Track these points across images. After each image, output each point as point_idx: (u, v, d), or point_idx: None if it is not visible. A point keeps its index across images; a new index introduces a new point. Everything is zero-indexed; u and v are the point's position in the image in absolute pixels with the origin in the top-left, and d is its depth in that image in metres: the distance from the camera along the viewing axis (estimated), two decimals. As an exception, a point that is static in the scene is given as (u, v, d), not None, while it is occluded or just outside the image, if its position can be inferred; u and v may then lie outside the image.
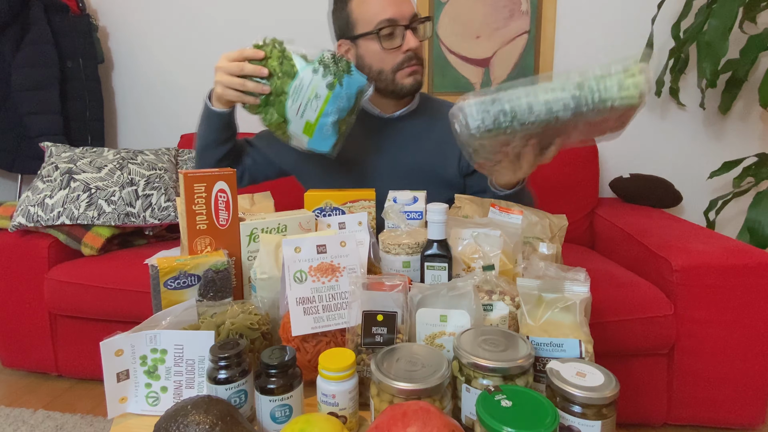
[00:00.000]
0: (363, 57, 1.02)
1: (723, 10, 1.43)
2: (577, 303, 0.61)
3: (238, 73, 0.88)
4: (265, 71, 0.86)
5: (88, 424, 1.38)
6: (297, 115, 0.87)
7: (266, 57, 0.86)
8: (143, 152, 1.75)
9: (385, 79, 1.03)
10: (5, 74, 1.91)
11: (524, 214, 0.82)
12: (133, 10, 2.19)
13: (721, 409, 1.23)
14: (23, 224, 1.52)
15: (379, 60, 1.01)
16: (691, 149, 1.87)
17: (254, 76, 0.87)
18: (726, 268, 1.16)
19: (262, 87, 0.86)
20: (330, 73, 0.85)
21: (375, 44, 0.99)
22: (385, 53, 1.00)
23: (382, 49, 0.99)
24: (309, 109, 0.86)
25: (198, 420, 0.46)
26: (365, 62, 1.02)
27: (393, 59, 1.01)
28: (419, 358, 0.55)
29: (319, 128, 0.88)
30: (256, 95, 0.88)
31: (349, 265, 0.66)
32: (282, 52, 0.87)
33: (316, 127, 0.88)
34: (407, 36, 0.99)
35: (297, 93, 0.86)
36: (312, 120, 0.87)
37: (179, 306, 0.64)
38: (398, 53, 1.00)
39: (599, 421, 0.47)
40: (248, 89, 0.87)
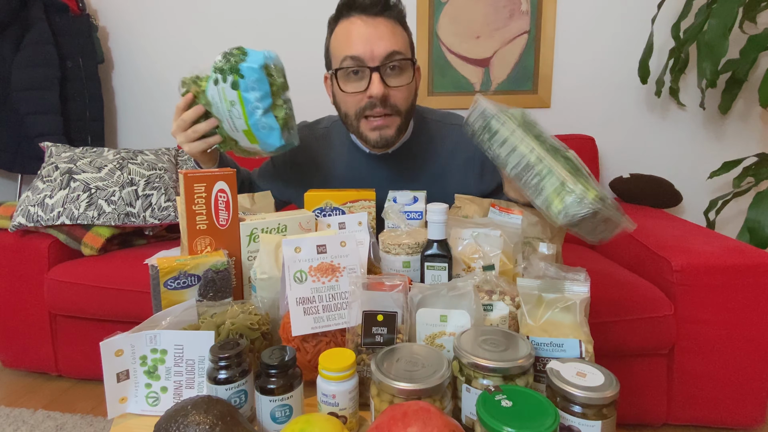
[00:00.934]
0: (335, 95, 0.94)
1: (723, 10, 1.43)
2: (577, 303, 0.61)
3: (186, 126, 0.87)
4: (200, 109, 0.85)
5: (88, 424, 1.38)
6: (235, 131, 0.85)
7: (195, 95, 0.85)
8: (143, 152, 1.75)
9: (350, 125, 0.94)
10: (5, 74, 1.91)
11: (524, 214, 0.82)
12: (133, 10, 2.19)
13: (721, 409, 1.23)
14: (23, 224, 1.52)
15: (342, 101, 0.92)
16: (691, 149, 1.87)
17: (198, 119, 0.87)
18: (726, 268, 1.16)
19: (208, 123, 0.86)
20: (227, 73, 0.80)
21: (343, 85, 0.90)
22: (351, 97, 0.90)
23: (351, 92, 0.89)
24: (236, 120, 0.83)
25: (198, 420, 0.46)
26: (337, 101, 0.95)
27: (355, 103, 0.90)
28: (419, 358, 0.55)
29: (255, 129, 0.84)
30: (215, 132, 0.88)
31: (349, 265, 0.66)
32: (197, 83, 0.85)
33: (252, 130, 0.84)
34: (373, 79, 0.86)
35: (219, 113, 0.84)
36: (245, 127, 0.84)
37: (179, 306, 0.64)
38: (362, 97, 0.89)
39: (599, 421, 0.47)
40: (201, 132, 0.87)
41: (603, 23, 1.85)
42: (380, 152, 1.00)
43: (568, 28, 1.88)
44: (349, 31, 0.87)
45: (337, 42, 0.90)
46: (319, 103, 2.14)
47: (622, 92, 1.89)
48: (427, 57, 1.99)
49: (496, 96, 1.95)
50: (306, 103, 2.11)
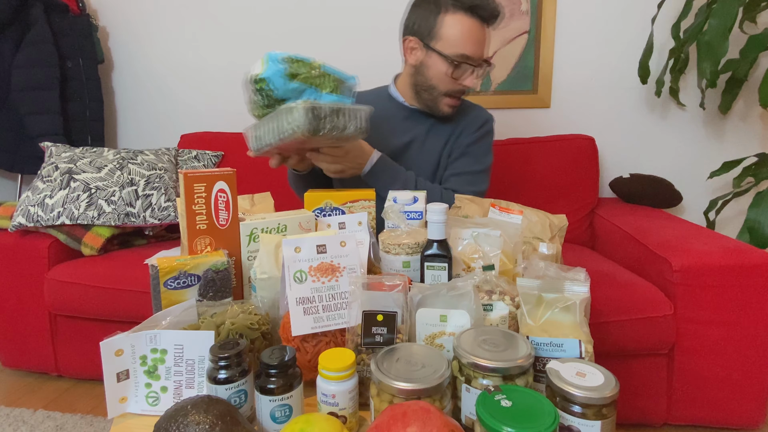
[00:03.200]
0: (426, 66, 1.10)
1: (723, 10, 1.43)
2: (577, 303, 0.61)
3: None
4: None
5: (88, 424, 1.38)
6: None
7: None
8: (143, 152, 1.75)
9: (430, 95, 1.13)
10: (5, 74, 1.91)
11: (524, 214, 0.82)
12: (133, 10, 2.19)
13: (721, 409, 1.23)
14: (23, 224, 1.52)
15: (438, 79, 1.09)
16: (691, 149, 1.87)
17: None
18: (726, 268, 1.16)
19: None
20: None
21: (444, 67, 1.07)
22: (447, 78, 1.08)
23: (448, 75, 1.07)
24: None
25: (198, 420, 0.46)
26: (425, 72, 1.11)
27: (449, 85, 1.10)
28: (419, 358, 0.55)
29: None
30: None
31: (349, 265, 0.66)
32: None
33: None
34: (471, 75, 1.08)
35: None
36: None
37: (179, 306, 0.64)
38: (455, 83, 1.09)
39: (599, 421, 0.47)
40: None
41: (603, 23, 1.85)
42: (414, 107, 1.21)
43: (568, 28, 1.88)
44: (470, 30, 1.05)
45: (453, 31, 1.05)
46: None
47: (622, 92, 1.89)
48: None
49: (496, 96, 1.96)
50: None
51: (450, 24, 1.05)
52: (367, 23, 2.02)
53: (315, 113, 0.78)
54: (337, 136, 0.83)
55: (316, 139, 0.84)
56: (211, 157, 1.94)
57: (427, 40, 1.08)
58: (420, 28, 1.09)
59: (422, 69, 1.11)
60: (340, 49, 2.06)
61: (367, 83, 2.06)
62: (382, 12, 2.00)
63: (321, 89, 0.85)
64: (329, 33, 2.05)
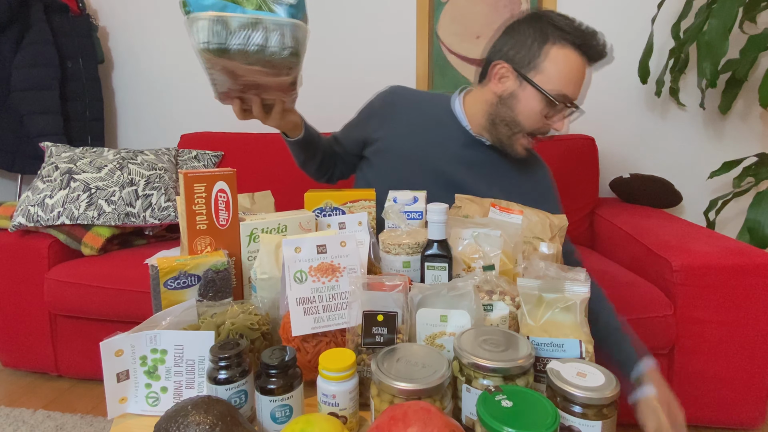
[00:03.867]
0: (516, 99, 0.96)
1: (723, 10, 1.43)
2: (578, 303, 0.61)
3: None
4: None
5: (88, 424, 1.38)
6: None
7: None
8: (143, 152, 1.75)
9: (510, 131, 0.98)
10: (5, 74, 1.91)
11: (524, 213, 0.82)
12: (133, 10, 2.19)
13: (721, 409, 1.23)
14: (23, 224, 1.51)
15: (526, 115, 0.96)
16: (691, 149, 1.87)
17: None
18: (726, 268, 1.16)
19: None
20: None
21: (539, 104, 0.94)
22: (537, 116, 0.95)
23: (540, 113, 0.95)
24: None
25: (198, 420, 0.46)
26: (513, 104, 0.97)
27: (536, 124, 0.97)
28: (419, 358, 0.55)
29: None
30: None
31: (350, 265, 0.66)
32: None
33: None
34: (563, 119, 0.96)
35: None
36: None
37: (179, 306, 0.64)
38: (543, 123, 0.97)
39: (600, 422, 0.47)
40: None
41: (603, 23, 1.85)
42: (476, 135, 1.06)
43: (568, 28, 1.88)
44: (575, 68, 0.93)
45: (557, 66, 0.92)
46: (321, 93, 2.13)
47: (622, 92, 1.89)
48: (427, 57, 1.99)
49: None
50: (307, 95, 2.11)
51: (555, 58, 0.92)
52: (371, 24, 2.02)
53: (222, 25, 0.66)
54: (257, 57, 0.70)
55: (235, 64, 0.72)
56: (211, 157, 1.94)
57: (524, 70, 0.95)
58: (517, 55, 0.95)
59: (510, 101, 0.97)
60: (342, 50, 2.06)
61: (367, 84, 2.07)
62: (383, 12, 2.00)
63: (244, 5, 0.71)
64: (332, 33, 2.05)
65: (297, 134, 1.03)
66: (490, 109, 1.01)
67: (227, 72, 0.75)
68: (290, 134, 1.03)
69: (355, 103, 2.07)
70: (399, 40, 2.01)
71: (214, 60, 0.70)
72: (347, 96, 2.09)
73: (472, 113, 1.06)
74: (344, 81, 2.08)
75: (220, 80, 0.79)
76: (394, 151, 1.08)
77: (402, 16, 1.99)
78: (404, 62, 2.02)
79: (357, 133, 1.15)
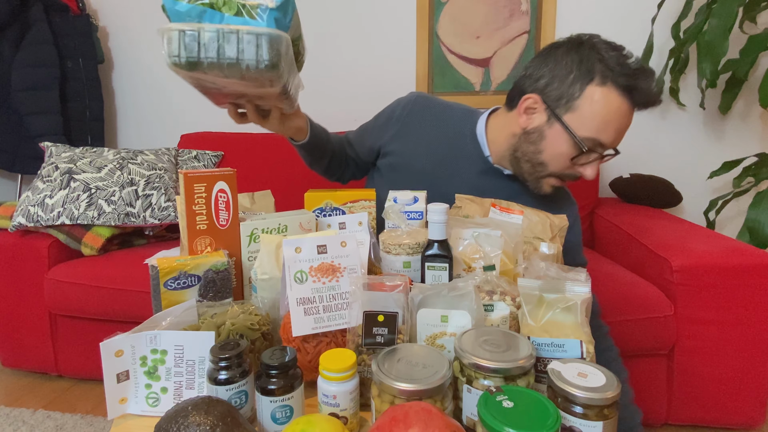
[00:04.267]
0: (543, 137, 0.86)
1: (723, 10, 1.43)
2: (578, 303, 0.61)
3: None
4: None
5: (88, 424, 1.38)
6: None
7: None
8: (143, 152, 1.75)
9: (536, 171, 0.89)
10: (5, 74, 1.90)
11: (525, 214, 0.82)
12: (133, 10, 2.19)
13: (721, 409, 1.23)
14: (23, 224, 1.51)
15: (552, 157, 0.86)
16: (691, 149, 1.87)
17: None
18: (726, 268, 1.16)
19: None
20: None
21: (567, 148, 0.84)
22: (564, 160, 0.85)
23: (568, 157, 0.85)
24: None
25: (198, 421, 0.46)
26: (540, 144, 0.86)
27: (562, 167, 0.87)
28: (420, 358, 0.55)
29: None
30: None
31: (350, 265, 0.66)
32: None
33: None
34: (594, 165, 0.85)
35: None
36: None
37: (179, 306, 0.64)
38: (572, 168, 0.87)
39: (601, 422, 0.47)
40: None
41: (603, 23, 1.85)
42: (496, 165, 0.97)
43: (568, 28, 1.88)
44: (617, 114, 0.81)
45: (596, 108, 0.81)
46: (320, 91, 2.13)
47: (622, 92, 1.89)
48: (427, 57, 1.99)
49: (496, 96, 1.95)
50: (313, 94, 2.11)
51: (595, 98, 0.80)
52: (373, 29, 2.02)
53: (192, 37, 0.61)
54: (232, 70, 0.64)
55: (210, 77, 0.66)
56: (211, 157, 1.94)
57: (556, 106, 0.84)
58: (552, 89, 0.84)
59: (535, 138, 0.87)
60: (342, 51, 2.06)
61: (369, 92, 2.07)
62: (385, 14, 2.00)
63: (223, 12, 0.64)
64: (332, 33, 2.05)
65: (302, 138, 0.98)
66: (513, 141, 0.91)
67: (206, 83, 0.70)
68: (295, 137, 0.98)
69: (355, 104, 2.08)
70: (399, 40, 2.01)
71: (185, 74, 0.65)
72: (347, 96, 2.09)
73: (494, 139, 0.96)
74: (344, 81, 2.08)
75: (200, 90, 0.75)
76: (407, 169, 1.01)
77: (402, 16, 1.99)
78: (404, 62, 2.02)
79: (371, 141, 1.08)
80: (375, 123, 1.10)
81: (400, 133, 1.03)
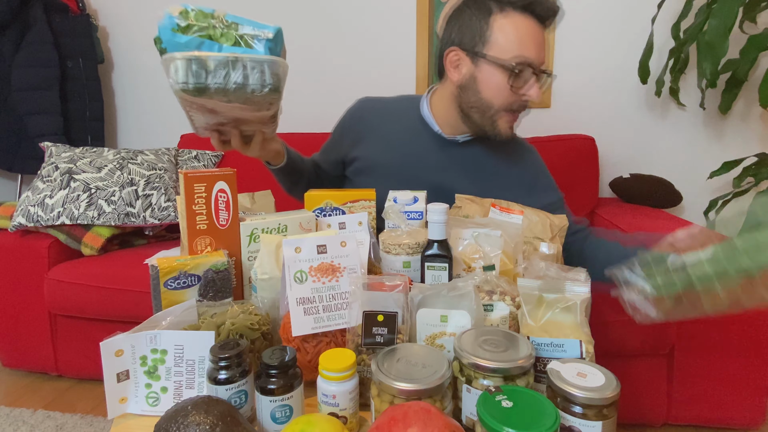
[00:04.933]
0: (477, 80, 0.91)
1: (723, 10, 1.43)
2: (578, 303, 0.61)
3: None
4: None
5: (88, 424, 1.38)
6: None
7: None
8: (143, 152, 1.75)
9: (486, 114, 0.93)
10: (5, 74, 1.91)
11: (525, 214, 0.82)
12: (133, 10, 2.19)
13: (721, 409, 1.23)
14: (23, 224, 1.51)
15: (494, 93, 0.91)
16: (691, 149, 1.87)
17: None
18: (726, 268, 1.16)
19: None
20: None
21: (501, 77, 0.89)
22: (505, 90, 0.90)
23: (507, 86, 0.89)
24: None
25: (198, 420, 0.46)
26: (477, 87, 0.92)
27: (507, 99, 0.91)
28: (420, 358, 0.55)
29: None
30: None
31: (350, 265, 0.66)
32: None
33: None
34: (532, 82, 0.90)
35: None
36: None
37: (179, 306, 0.64)
38: (516, 95, 0.91)
39: (600, 422, 0.47)
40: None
41: (603, 23, 1.85)
42: (450, 136, 1.02)
43: (568, 28, 1.88)
44: (528, 31, 0.88)
45: (508, 33, 0.88)
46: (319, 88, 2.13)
47: (622, 92, 1.89)
48: (427, 57, 1.99)
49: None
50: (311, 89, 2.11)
51: (502, 27, 0.87)
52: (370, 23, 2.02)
53: (200, 65, 0.65)
54: (237, 95, 0.69)
55: (214, 102, 0.71)
56: (211, 157, 1.94)
57: (474, 48, 0.90)
58: (464, 37, 0.91)
59: (472, 85, 0.92)
60: (342, 51, 2.06)
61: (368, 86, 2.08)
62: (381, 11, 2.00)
63: (221, 43, 0.70)
64: (332, 33, 2.05)
65: (279, 161, 1.01)
66: (456, 100, 0.97)
67: (206, 109, 0.74)
68: (272, 162, 1.01)
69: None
70: (399, 40, 2.01)
71: (192, 99, 0.69)
72: (347, 97, 2.09)
73: (440, 114, 1.02)
74: (344, 81, 2.08)
75: (197, 116, 0.78)
76: (373, 169, 1.06)
77: (402, 16, 1.99)
78: (404, 62, 2.02)
79: (334, 155, 1.14)
80: (332, 138, 1.16)
81: (356, 139, 1.09)
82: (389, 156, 1.04)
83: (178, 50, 0.68)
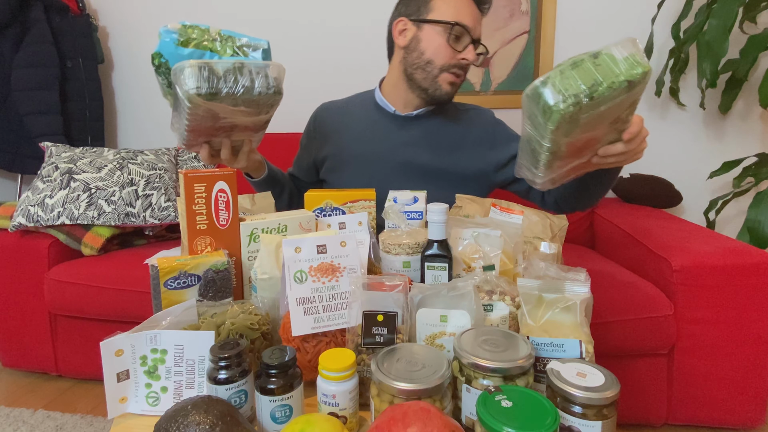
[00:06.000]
0: (420, 41, 1.03)
1: (723, 10, 1.43)
2: (578, 303, 0.61)
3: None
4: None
5: (88, 424, 1.38)
6: None
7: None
8: (143, 152, 1.75)
9: (428, 73, 1.04)
10: (5, 74, 1.91)
11: (525, 213, 0.82)
12: (133, 10, 2.19)
13: (721, 409, 1.23)
14: (23, 224, 1.51)
15: (435, 51, 1.02)
16: (691, 149, 1.87)
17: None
18: (726, 268, 1.16)
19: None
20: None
21: (441, 36, 1.01)
22: (445, 48, 1.01)
23: (447, 43, 1.01)
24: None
25: (198, 420, 0.46)
26: (420, 47, 1.04)
27: (447, 57, 1.02)
28: (419, 358, 0.55)
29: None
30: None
31: (350, 265, 0.66)
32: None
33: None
34: (470, 48, 1.02)
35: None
36: None
37: (179, 306, 0.64)
38: (454, 55, 1.02)
39: (600, 422, 0.47)
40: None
41: (603, 23, 1.85)
42: (405, 113, 1.12)
43: (568, 28, 1.88)
44: (464, 4, 1.02)
45: (447, 4, 1.01)
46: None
47: (622, 92, 1.89)
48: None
49: (496, 96, 1.95)
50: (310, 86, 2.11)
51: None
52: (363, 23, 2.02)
53: (210, 71, 0.71)
54: (244, 98, 0.75)
55: (221, 107, 0.76)
56: (211, 157, 1.94)
57: (418, 14, 1.04)
58: (410, 8, 1.05)
59: (415, 45, 1.04)
60: (342, 51, 2.06)
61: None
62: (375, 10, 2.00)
63: (220, 54, 0.78)
64: (332, 33, 2.05)
65: (261, 173, 1.06)
66: (401, 67, 1.08)
67: (210, 114, 0.78)
68: (254, 174, 1.05)
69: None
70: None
71: (202, 104, 0.74)
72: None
73: (391, 93, 1.13)
74: (344, 82, 2.08)
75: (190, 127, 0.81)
76: (345, 163, 1.14)
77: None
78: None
79: (306, 162, 1.22)
80: (301, 148, 1.26)
81: (320, 142, 1.18)
82: (355, 147, 1.13)
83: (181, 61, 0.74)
